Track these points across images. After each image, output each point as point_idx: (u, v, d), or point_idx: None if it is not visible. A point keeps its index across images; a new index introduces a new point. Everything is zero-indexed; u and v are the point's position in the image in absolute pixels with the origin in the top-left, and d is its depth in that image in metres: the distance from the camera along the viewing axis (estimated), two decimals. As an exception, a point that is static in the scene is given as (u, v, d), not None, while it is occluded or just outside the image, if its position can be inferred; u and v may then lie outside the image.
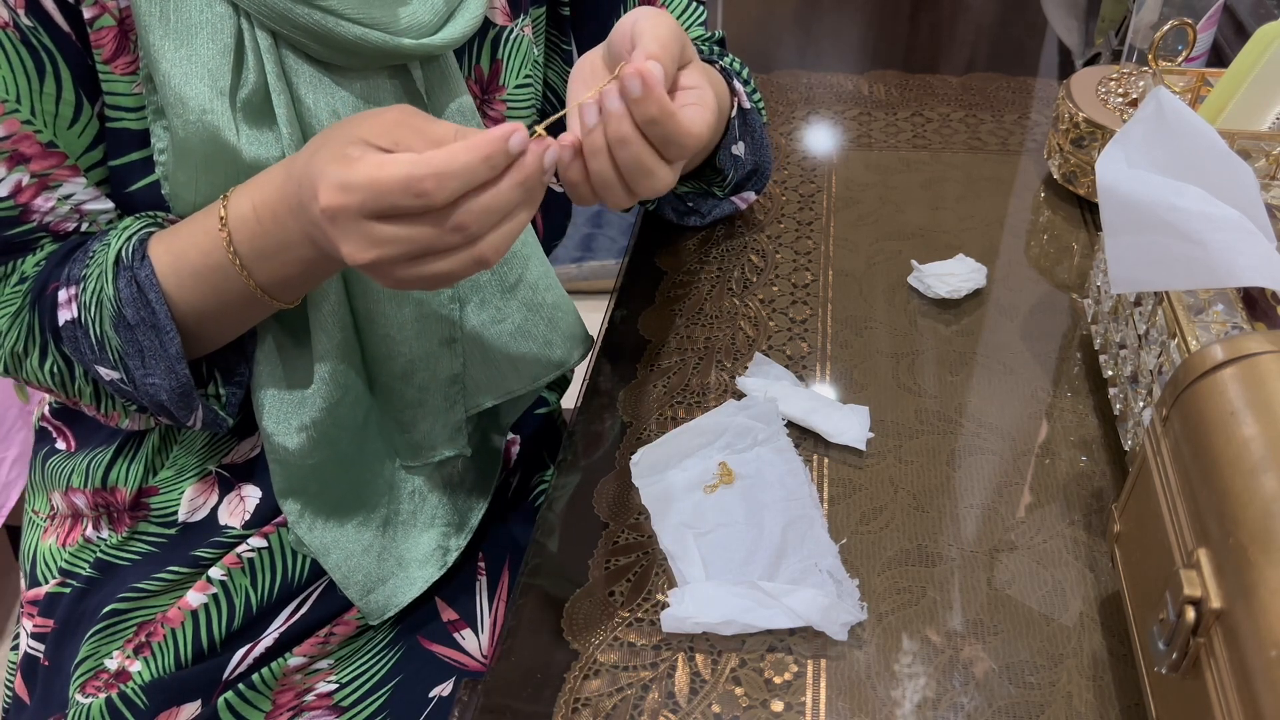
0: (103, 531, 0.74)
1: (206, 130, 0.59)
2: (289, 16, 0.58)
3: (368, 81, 0.63)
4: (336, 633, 0.74)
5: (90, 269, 0.62)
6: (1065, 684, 0.57)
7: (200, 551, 0.73)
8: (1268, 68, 0.71)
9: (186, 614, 0.71)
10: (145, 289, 0.60)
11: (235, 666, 0.71)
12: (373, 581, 0.72)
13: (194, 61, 0.58)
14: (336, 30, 0.58)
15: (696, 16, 0.84)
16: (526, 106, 0.73)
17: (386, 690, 0.73)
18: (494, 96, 0.72)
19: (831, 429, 0.70)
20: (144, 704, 0.69)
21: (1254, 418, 0.45)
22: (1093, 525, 0.65)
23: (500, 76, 0.71)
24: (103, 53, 0.60)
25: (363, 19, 0.59)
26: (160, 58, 0.58)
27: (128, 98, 0.61)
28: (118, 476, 0.73)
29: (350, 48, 0.60)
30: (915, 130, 1.06)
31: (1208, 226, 0.55)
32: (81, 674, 0.70)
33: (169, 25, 0.58)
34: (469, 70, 0.70)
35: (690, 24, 0.83)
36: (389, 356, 0.69)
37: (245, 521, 0.73)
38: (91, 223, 0.64)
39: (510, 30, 0.71)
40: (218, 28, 0.58)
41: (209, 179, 0.60)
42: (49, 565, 0.75)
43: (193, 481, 0.72)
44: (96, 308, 0.61)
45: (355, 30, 0.59)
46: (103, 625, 0.71)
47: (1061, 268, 0.87)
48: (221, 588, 0.72)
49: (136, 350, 0.61)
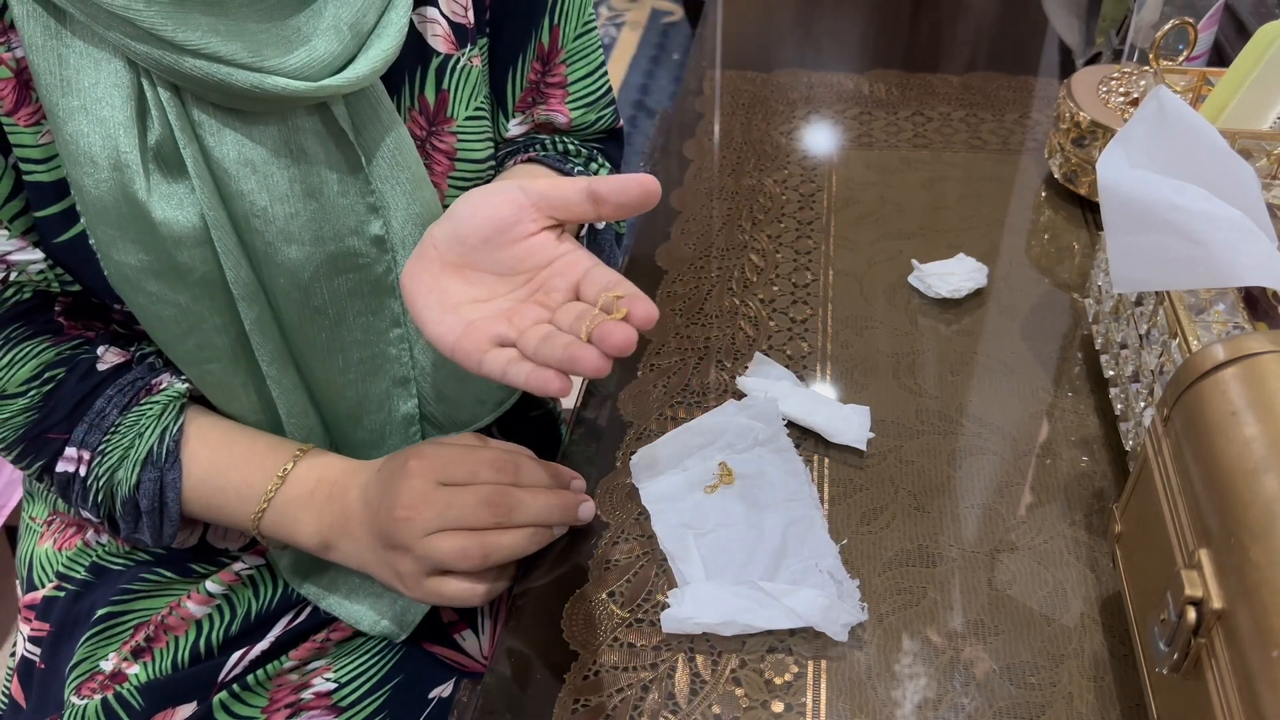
0: (102, 537, 0.74)
1: (120, 188, 0.56)
2: (178, 69, 0.54)
3: (285, 124, 0.59)
4: (332, 638, 0.74)
5: (112, 448, 0.64)
6: (1066, 684, 0.57)
7: (196, 565, 0.74)
8: (1269, 67, 0.71)
9: (190, 623, 0.72)
10: (166, 490, 0.65)
11: (232, 668, 0.71)
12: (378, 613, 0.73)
13: (98, 120, 0.55)
14: (230, 80, 0.55)
15: (588, 95, 0.75)
16: (481, 138, 0.69)
17: (386, 690, 0.73)
18: (442, 129, 0.67)
19: (832, 429, 0.70)
20: (139, 705, 0.69)
21: (1255, 418, 0.45)
22: (1094, 525, 0.65)
23: (448, 108, 0.67)
24: (3, 105, 0.57)
25: (254, 64, 0.55)
26: (66, 119, 0.55)
27: (35, 149, 0.58)
28: None
29: (250, 94, 0.56)
30: (916, 130, 1.06)
31: (1209, 226, 0.55)
32: (77, 676, 0.70)
33: (69, 86, 0.55)
34: (412, 101, 0.66)
35: (579, 102, 0.74)
36: (336, 399, 0.69)
37: (243, 546, 0.75)
38: (21, 272, 0.61)
39: (456, 59, 0.66)
40: (117, 84, 0.55)
41: (129, 238, 0.58)
42: (45, 569, 0.75)
43: None
44: (107, 483, 0.64)
45: (250, 78, 0.55)
46: (98, 628, 0.71)
47: (1062, 267, 0.87)
48: (225, 600, 0.73)
49: (132, 520, 0.66)
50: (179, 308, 0.61)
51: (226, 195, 0.59)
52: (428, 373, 0.70)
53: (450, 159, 0.68)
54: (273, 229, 0.60)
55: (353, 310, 0.65)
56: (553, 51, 0.72)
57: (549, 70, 0.73)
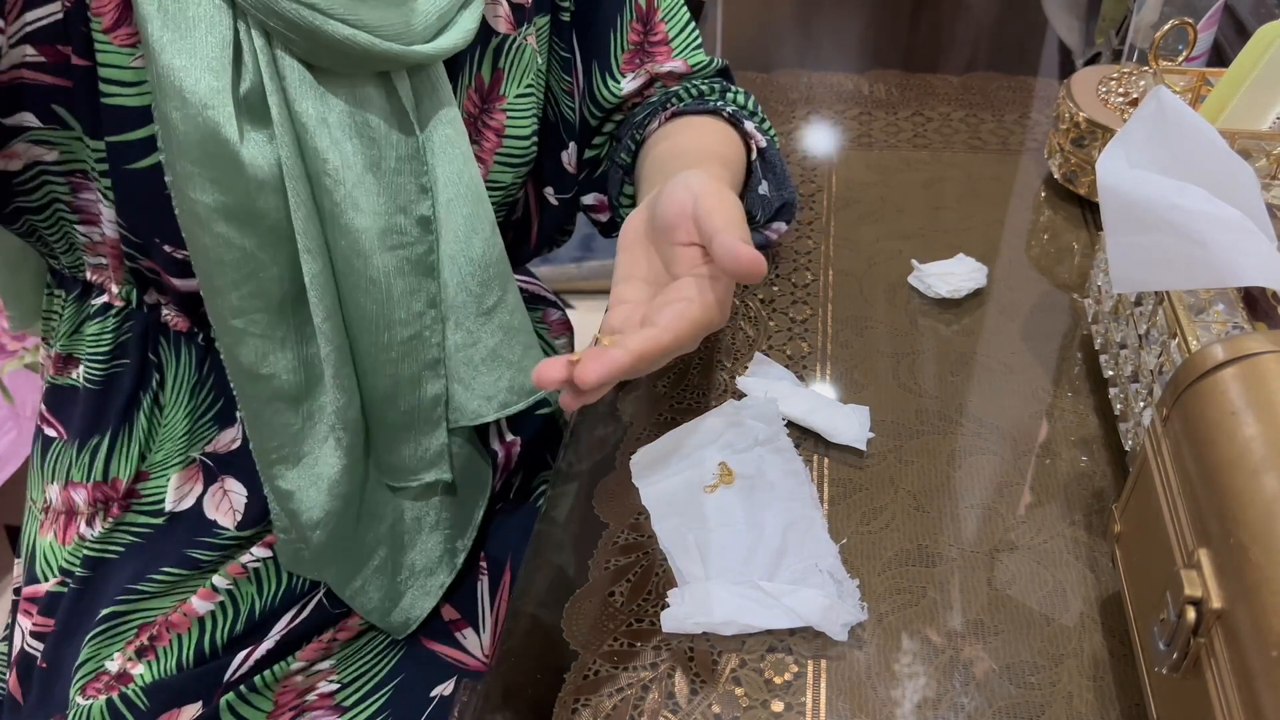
0: (95, 528, 0.74)
1: (208, 125, 0.57)
2: (275, 9, 0.56)
3: (354, 89, 0.61)
4: (339, 638, 0.74)
5: None
6: (1066, 684, 0.57)
7: (194, 552, 0.72)
8: (1268, 67, 0.71)
9: (193, 620, 0.71)
10: None
11: (237, 668, 0.71)
12: (390, 601, 0.73)
13: (195, 55, 0.57)
14: (324, 28, 0.57)
15: (693, 42, 0.81)
16: (528, 115, 0.72)
17: (388, 690, 0.73)
18: (494, 106, 0.70)
19: (832, 429, 0.70)
20: (145, 705, 0.69)
21: (1255, 418, 0.45)
22: (1093, 525, 0.65)
23: (501, 85, 0.70)
24: (102, 21, 0.58)
25: (350, 19, 0.58)
26: (160, 49, 0.56)
27: (126, 70, 0.59)
28: (118, 468, 0.72)
29: (337, 47, 0.58)
30: (915, 130, 1.06)
31: (1209, 226, 0.55)
32: (82, 676, 0.70)
33: (168, 16, 0.56)
34: (470, 79, 0.69)
35: (687, 50, 0.80)
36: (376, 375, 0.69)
37: (238, 523, 0.73)
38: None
39: (513, 39, 0.70)
40: (215, 21, 0.57)
41: (209, 176, 0.59)
42: (49, 562, 0.75)
43: (178, 468, 0.72)
44: None
45: (343, 30, 0.58)
46: (103, 627, 0.71)
47: (1062, 267, 0.87)
48: (229, 596, 0.72)
49: None
50: (243, 252, 0.61)
51: (304, 149, 0.60)
52: (453, 356, 0.71)
53: (499, 136, 0.70)
54: (340, 190, 0.61)
55: (399, 288, 0.66)
56: (650, 10, 0.77)
57: (650, 29, 0.76)
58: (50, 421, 0.76)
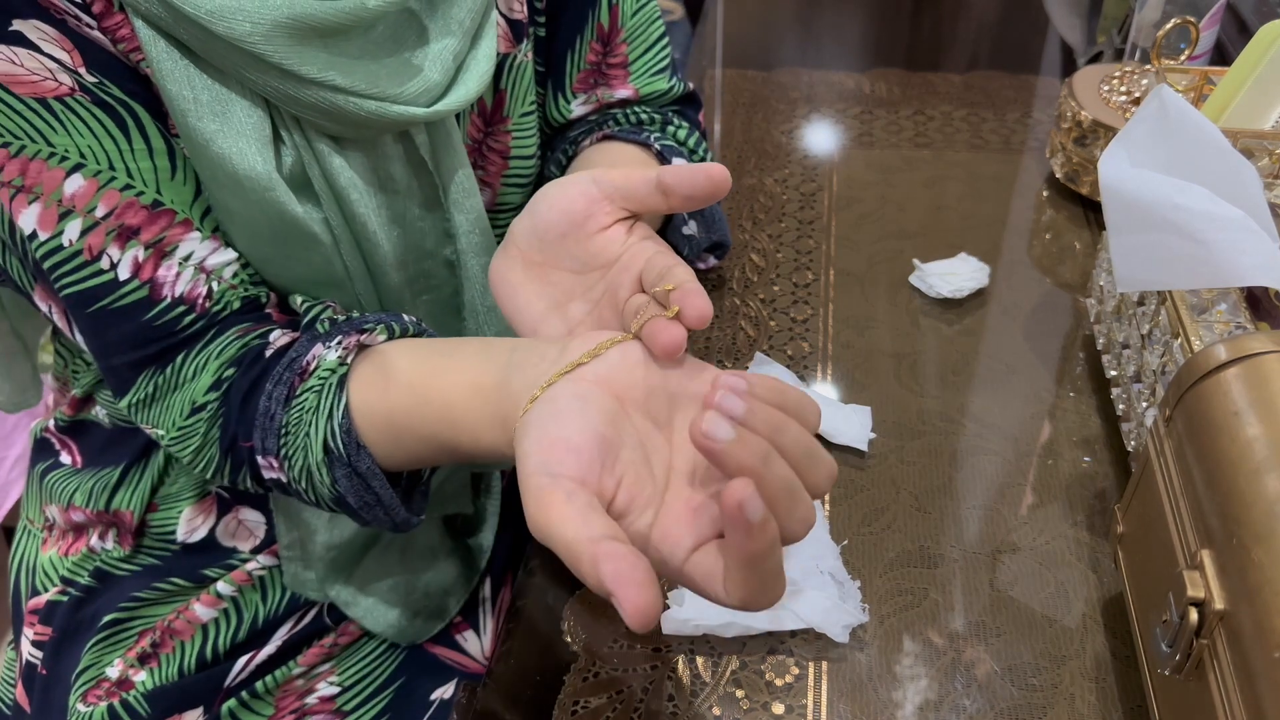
0: (107, 543, 0.74)
1: (273, 207, 0.57)
2: (299, 98, 0.55)
3: (375, 150, 0.61)
4: (340, 642, 0.74)
5: (289, 448, 0.57)
6: (1068, 686, 0.56)
7: (207, 571, 0.73)
8: (1270, 66, 0.71)
9: (196, 627, 0.71)
10: (369, 479, 0.56)
11: (238, 674, 0.71)
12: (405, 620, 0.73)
13: (243, 139, 0.56)
14: (347, 108, 0.56)
15: (654, 66, 0.75)
16: (532, 133, 0.70)
17: (389, 693, 0.73)
18: (498, 128, 0.69)
19: (833, 429, 0.70)
20: (146, 711, 0.69)
21: (1257, 418, 0.45)
22: (1095, 526, 0.65)
23: (504, 107, 0.68)
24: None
25: (374, 93, 0.57)
26: (208, 141, 0.55)
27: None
28: (122, 500, 0.72)
29: (363, 123, 0.58)
30: (917, 129, 1.06)
31: (1211, 226, 0.55)
32: (83, 683, 0.70)
33: (202, 106, 0.55)
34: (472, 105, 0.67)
35: (646, 75, 0.74)
36: None
37: (254, 547, 0.73)
38: (218, 279, 0.59)
39: (513, 57, 0.68)
40: (250, 106, 0.56)
41: (285, 251, 0.59)
42: (49, 574, 0.75)
43: (191, 502, 0.72)
44: (308, 484, 0.57)
45: (369, 105, 0.57)
46: (103, 634, 0.71)
47: (1064, 267, 0.87)
48: (232, 603, 0.72)
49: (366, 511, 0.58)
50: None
51: (347, 215, 0.61)
52: None
53: (504, 158, 0.69)
54: (380, 251, 0.62)
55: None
56: (613, 31, 0.73)
57: (610, 50, 0.73)
58: (66, 444, 0.76)
